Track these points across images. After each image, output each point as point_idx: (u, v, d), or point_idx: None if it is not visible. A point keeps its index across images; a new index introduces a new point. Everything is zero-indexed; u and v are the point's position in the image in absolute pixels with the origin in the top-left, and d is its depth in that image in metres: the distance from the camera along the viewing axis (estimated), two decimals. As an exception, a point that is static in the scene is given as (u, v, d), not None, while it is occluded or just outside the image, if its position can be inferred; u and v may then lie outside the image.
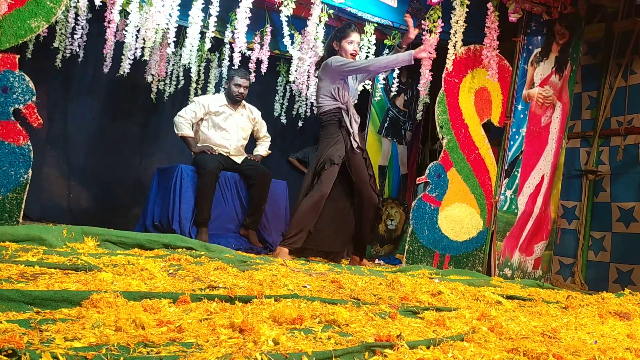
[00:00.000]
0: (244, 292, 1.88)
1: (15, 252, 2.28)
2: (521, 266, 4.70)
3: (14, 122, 3.15)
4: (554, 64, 4.74)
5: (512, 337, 1.66)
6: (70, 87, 5.26)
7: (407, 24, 3.83)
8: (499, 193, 4.54)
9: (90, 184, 5.37)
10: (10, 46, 3.09)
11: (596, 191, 5.08)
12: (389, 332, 1.51)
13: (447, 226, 4.41)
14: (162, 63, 5.12)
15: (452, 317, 1.87)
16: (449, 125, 4.39)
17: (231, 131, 4.52)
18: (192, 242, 3.18)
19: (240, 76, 4.48)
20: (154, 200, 4.45)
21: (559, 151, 4.85)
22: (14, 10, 3.04)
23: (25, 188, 3.19)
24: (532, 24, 4.59)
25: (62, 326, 1.27)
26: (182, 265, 2.38)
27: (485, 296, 2.54)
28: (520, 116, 4.61)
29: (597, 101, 5.15)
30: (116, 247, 2.92)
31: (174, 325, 1.35)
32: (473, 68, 4.44)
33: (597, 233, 5.02)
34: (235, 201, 4.45)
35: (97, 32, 4.81)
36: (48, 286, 1.68)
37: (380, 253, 5.59)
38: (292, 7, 4.10)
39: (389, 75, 5.44)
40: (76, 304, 1.49)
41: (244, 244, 4.28)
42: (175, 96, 5.55)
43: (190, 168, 4.31)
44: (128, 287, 1.79)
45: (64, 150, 5.24)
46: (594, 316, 2.40)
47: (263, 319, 1.52)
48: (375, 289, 2.43)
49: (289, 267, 2.65)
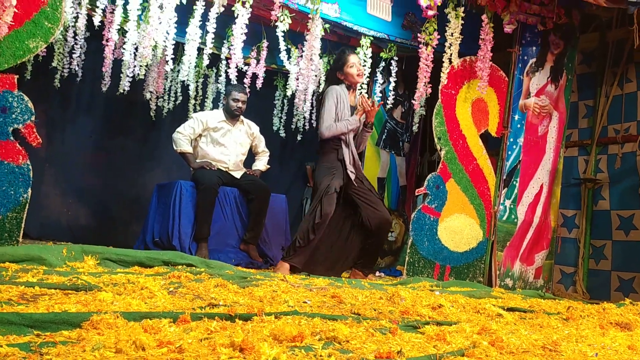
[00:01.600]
0: (244, 309, 1.88)
1: (15, 272, 2.28)
2: (522, 276, 4.70)
3: (13, 141, 3.16)
4: (550, 74, 4.77)
5: (512, 351, 1.66)
6: (69, 106, 5.29)
7: (361, 103, 3.85)
8: (498, 203, 4.55)
9: (90, 201, 5.37)
10: (9, 67, 3.11)
11: (595, 199, 5.09)
12: (389, 348, 1.51)
13: (447, 237, 4.41)
14: (160, 80, 5.14)
15: (452, 331, 1.87)
16: (447, 137, 4.41)
17: (230, 147, 4.54)
18: (192, 258, 3.18)
19: (238, 91, 4.51)
20: (154, 217, 4.45)
21: (557, 160, 4.86)
22: (12, 31, 3.06)
23: (25, 207, 3.19)
24: (526, 34, 4.63)
25: (62, 349, 1.27)
26: (182, 283, 2.37)
27: (486, 309, 2.54)
28: (517, 126, 4.64)
29: (593, 110, 5.18)
30: (116, 265, 2.92)
31: (174, 345, 1.35)
32: (469, 79, 4.47)
33: (598, 241, 5.02)
34: (234, 216, 4.45)
35: (95, 50, 4.84)
36: (48, 308, 1.68)
37: (380, 265, 5.58)
38: (288, 22, 4.14)
39: (385, 88, 5.47)
40: (76, 326, 1.49)
41: (244, 259, 4.27)
42: (173, 113, 5.57)
43: (189, 184, 4.32)
44: (128, 307, 1.79)
45: (63, 169, 5.25)
46: (595, 327, 2.40)
47: (263, 337, 1.52)
48: (376, 303, 2.42)
49: (289, 283, 2.64)
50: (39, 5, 3.13)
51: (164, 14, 3.75)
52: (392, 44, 4.78)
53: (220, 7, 3.92)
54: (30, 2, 3.10)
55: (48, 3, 3.15)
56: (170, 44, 3.96)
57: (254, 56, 4.85)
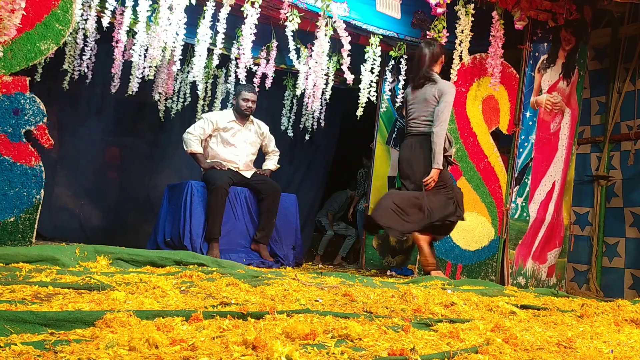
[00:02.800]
0: (256, 307, 1.88)
1: (29, 272, 2.29)
2: (535, 274, 4.66)
3: (25, 143, 3.18)
4: (561, 70, 4.73)
5: (527, 348, 1.64)
6: (80, 108, 5.33)
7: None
8: (509, 201, 4.52)
9: (101, 202, 5.41)
10: (21, 69, 3.14)
11: (608, 197, 5.04)
12: (402, 345, 1.50)
13: (459, 235, 4.39)
14: (170, 81, 5.16)
15: (465, 328, 1.86)
16: (457, 135, 4.39)
17: (240, 147, 4.55)
18: (204, 258, 3.19)
19: (248, 91, 4.52)
20: (165, 217, 4.47)
21: (570, 157, 4.82)
22: (24, 34, 3.09)
23: (38, 208, 3.22)
24: (537, 31, 4.59)
25: (76, 347, 1.28)
26: (194, 282, 2.38)
27: (499, 306, 2.52)
28: (529, 123, 4.60)
29: (606, 106, 5.13)
30: (128, 265, 2.93)
31: (187, 343, 1.35)
32: (479, 77, 4.45)
33: (611, 239, 4.97)
34: (245, 216, 4.46)
35: (104, 52, 4.87)
36: (62, 307, 1.69)
37: (392, 264, 5.56)
38: (297, 21, 4.14)
39: (395, 86, 5.45)
40: (90, 324, 1.49)
41: (255, 258, 4.28)
42: (183, 113, 5.59)
43: (200, 184, 4.33)
44: (141, 306, 1.79)
45: (75, 170, 5.29)
46: (609, 324, 2.37)
47: (276, 335, 1.51)
48: (388, 301, 2.42)
49: (300, 281, 2.64)
50: (50, 8, 3.16)
51: (173, 15, 3.76)
52: (402, 42, 4.76)
53: (228, 6, 3.92)
54: (41, 5, 3.13)
55: (59, 5, 3.17)
56: (179, 45, 3.98)
57: (264, 56, 4.86)
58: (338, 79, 5.61)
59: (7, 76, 3.11)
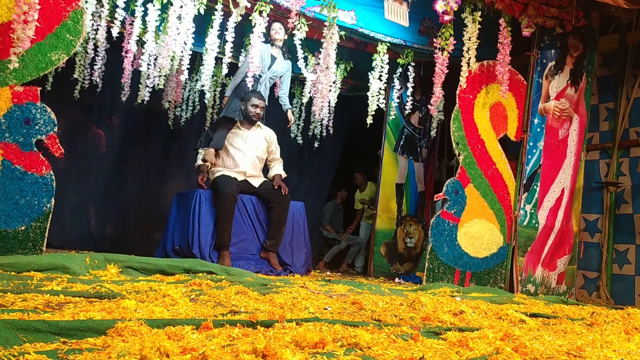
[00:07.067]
0: (266, 316, 1.89)
1: (40, 281, 2.31)
2: (544, 281, 4.64)
3: (36, 152, 3.21)
4: (569, 77, 4.73)
5: (536, 357, 1.63)
6: (90, 116, 5.37)
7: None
8: (518, 208, 4.50)
9: (111, 210, 5.45)
10: (32, 79, 3.17)
11: (618, 203, 5.01)
12: (411, 354, 1.50)
13: (467, 242, 4.38)
14: (179, 90, 5.20)
15: (475, 337, 1.85)
16: (465, 142, 4.38)
17: (246, 150, 4.54)
18: (213, 266, 3.21)
19: (256, 97, 4.53)
20: (174, 225, 4.48)
21: (578, 164, 4.80)
22: (35, 44, 3.12)
23: (49, 217, 3.24)
24: (545, 37, 4.59)
25: (88, 356, 1.29)
26: (203, 290, 2.39)
27: (508, 315, 2.51)
28: (537, 130, 4.59)
29: (614, 112, 5.11)
30: (138, 273, 2.95)
31: (198, 352, 1.36)
32: (487, 84, 4.45)
33: (621, 246, 4.94)
34: (254, 224, 4.46)
35: (114, 61, 4.91)
36: (73, 315, 1.70)
37: (400, 271, 5.56)
38: (305, 30, 4.16)
39: (403, 94, 5.46)
40: (101, 333, 1.51)
41: (264, 266, 4.29)
42: (191, 121, 5.63)
43: (208, 192, 4.35)
44: (151, 315, 1.81)
45: (85, 178, 5.33)
46: (619, 333, 2.36)
47: (285, 344, 1.52)
48: (397, 309, 2.42)
49: (309, 289, 2.65)
50: (61, 19, 3.20)
51: (182, 25, 3.80)
52: (409, 49, 4.78)
53: (238, 17, 3.95)
54: (53, 16, 3.17)
55: (69, 16, 3.21)
56: (187, 54, 4.01)
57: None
58: (345, 86, 5.63)
59: (19, 86, 3.14)
